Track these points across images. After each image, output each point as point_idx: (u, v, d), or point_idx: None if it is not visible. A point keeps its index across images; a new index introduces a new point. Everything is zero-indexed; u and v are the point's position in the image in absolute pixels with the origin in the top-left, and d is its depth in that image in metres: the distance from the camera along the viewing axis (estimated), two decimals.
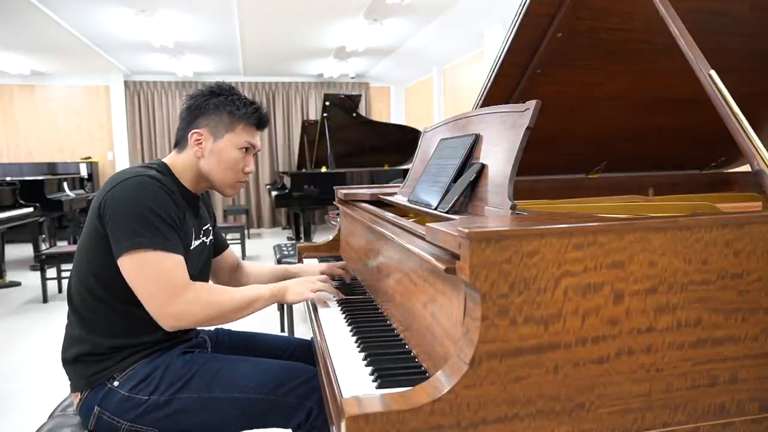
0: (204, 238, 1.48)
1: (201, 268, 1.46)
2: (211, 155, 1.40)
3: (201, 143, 1.40)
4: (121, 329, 1.28)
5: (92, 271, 1.28)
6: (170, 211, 1.26)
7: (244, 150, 1.42)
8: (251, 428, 1.30)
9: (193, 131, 1.39)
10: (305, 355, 1.50)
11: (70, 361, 1.31)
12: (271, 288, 1.38)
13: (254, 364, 1.33)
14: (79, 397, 1.29)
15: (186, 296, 1.23)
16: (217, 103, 1.40)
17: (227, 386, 1.26)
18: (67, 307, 1.35)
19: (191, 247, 1.38)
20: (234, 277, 1.71)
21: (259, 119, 1.44)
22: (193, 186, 1.44)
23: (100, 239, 1.26)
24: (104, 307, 1.28)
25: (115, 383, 1.26)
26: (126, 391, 1.24)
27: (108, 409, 1.25)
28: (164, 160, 1.44)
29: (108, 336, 1.28)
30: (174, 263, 1.23)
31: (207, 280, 1.53)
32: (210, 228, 1.55)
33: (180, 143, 1.43)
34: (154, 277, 1.21)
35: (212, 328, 1.54)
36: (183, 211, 1.34)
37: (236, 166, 1.42)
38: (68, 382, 1.34)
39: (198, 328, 1.44)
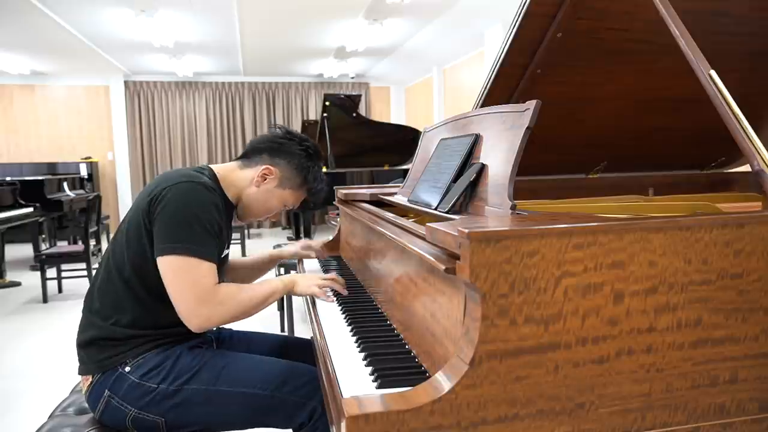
0: (228, 248, 1.57)
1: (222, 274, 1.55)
2: (264, 193, 1.49)
3: (266, 179, 1.48)
4: (143, 320, 1.31)
5: (130, 258, 1.32)
6: (214, 220, 1.32)
7: (284, 206, 1.55)
8: (254, 425, 1.31)
9: (267, 165, 1.48)
10: (305, 355, 1.51)
11: (84, 344, 1.33)
12: (282, 280, 1.46)
13: (260, 362, 1.35)
14: (89, 380, 1.31)
15: (214, 300, 1.28)
16: (304, 164, 1.51)
17: (233, 381, 1.29)
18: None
19: (223, 255, 1.46)
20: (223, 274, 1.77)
21: (317, 197, 1.59)
22: (233, 200, 1.51)
23: (143, 232, 1.31)
24: (132, 296, 1.32)
25: (127, 368, 1.28)
26: (137, 378, 1.27)
27: (117, 394, 1.27)
28: (216, 168, 1.48)
29: (128, 325, 1.31)
30: (207, 270, 1.28)
31: None
32: None
33: (249, 161, 1.50)
34: (187, 281, 1.26)
35: (214, 327, 1.56)
36: (224, 222, 1.40)
37: (271, 212, 1.55)
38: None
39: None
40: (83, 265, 4.63)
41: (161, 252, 1.27)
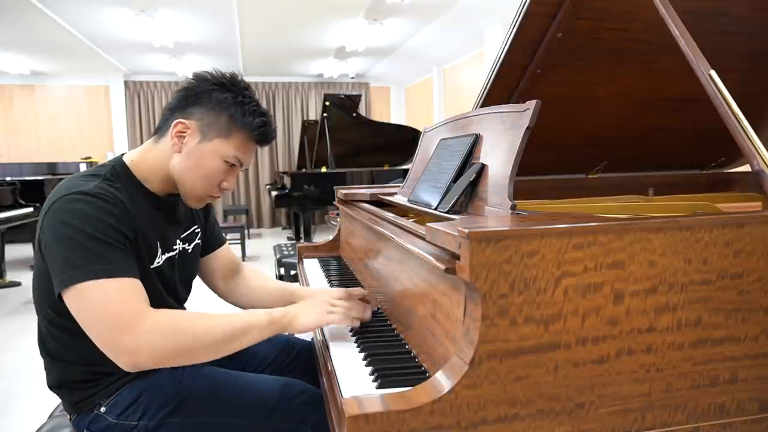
0: (184, 245, 1.30)
1: (181, 279, 1.31)
2: (190, 156, 1.16)
3: (183, 137, 1.16)
4: (96, 356, 1.04)
5: (48, 304, 1.13)
6: (108, 228, 1.04)
7: (229, 164, 1.19)
8: None
9: (178, 120, 1.16)
10: (306, 358, 1.49)
11: (54, 386, 1.21)
12: (271, 313, 1.12)
13: (248, 384, 1.22)
14: (69, 417, 1.24)
15: (142, 326, 0.99)
16: (221, 99, 1.16)
17: (220, 410, 1.17)
18: None
19: (155, 264, 1.19)
20: (229, 284, 1.49)
21: (264, 136, 1.20)
22: (160, 188, 1.21)
23: (45, 269, 1.08)
24: (73, 336, 1.10)
25: (102, 409, 1.16)
26: (113, 418, 1.15)
27: None
28: (130, 155, 1.21)
29: (89, 363, 1.13)
30: (120, 289, 1.01)
31: (190, 290, 1.39)
32: (198, 230, 1.38)
33: (160, 130, 1.20)
34: (97, 310, 1.00)
35: (154, 364, 1.08)
36: (136, 224, 1.12)
37: (214, 177, 1.19)
38: None
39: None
40: None
41: (58, 288, 1.02)
